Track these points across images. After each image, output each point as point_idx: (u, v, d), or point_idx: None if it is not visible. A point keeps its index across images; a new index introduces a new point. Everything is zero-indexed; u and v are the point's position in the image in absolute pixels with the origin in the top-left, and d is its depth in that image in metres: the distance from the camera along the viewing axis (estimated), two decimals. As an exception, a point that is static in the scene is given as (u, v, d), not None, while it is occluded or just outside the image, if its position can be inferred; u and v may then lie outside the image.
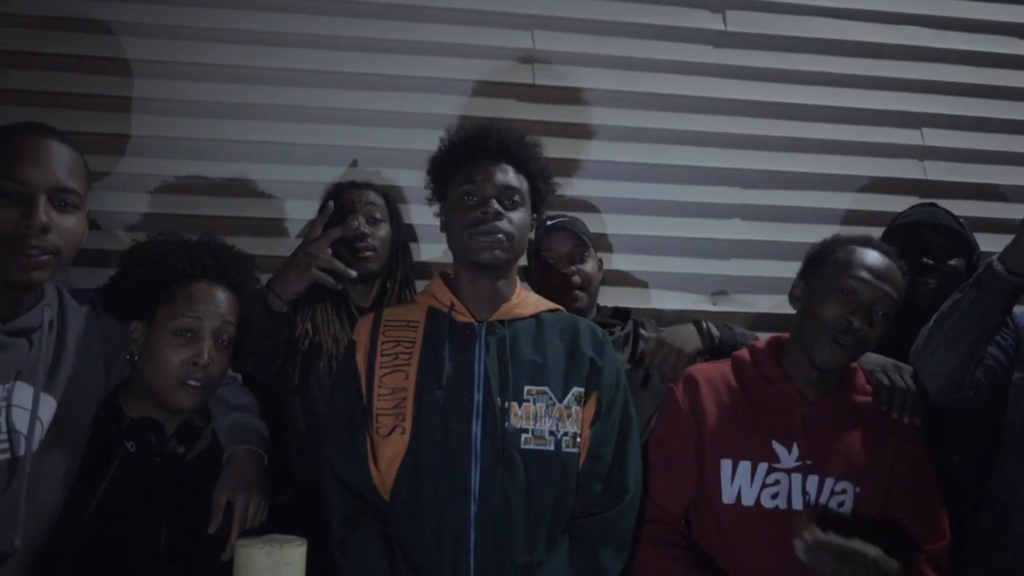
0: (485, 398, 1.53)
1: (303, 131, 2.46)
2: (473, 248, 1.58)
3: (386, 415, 1.56)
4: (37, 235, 1.31)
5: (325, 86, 2.49)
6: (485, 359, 1.56)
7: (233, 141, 2.44)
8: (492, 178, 1.60)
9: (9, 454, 1.37)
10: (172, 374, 1.51)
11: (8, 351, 1.38)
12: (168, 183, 2.41)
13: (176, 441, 1.55)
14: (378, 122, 2.50)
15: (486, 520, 1.49)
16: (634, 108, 2.63)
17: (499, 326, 1.61)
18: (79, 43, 2.40)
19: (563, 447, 1.54)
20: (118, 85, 2.41)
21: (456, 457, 1.51)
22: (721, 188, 2.64)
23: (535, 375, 1.56)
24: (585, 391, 1.58)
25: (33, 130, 1.38)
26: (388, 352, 1.60)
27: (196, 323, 1.53)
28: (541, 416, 1.54)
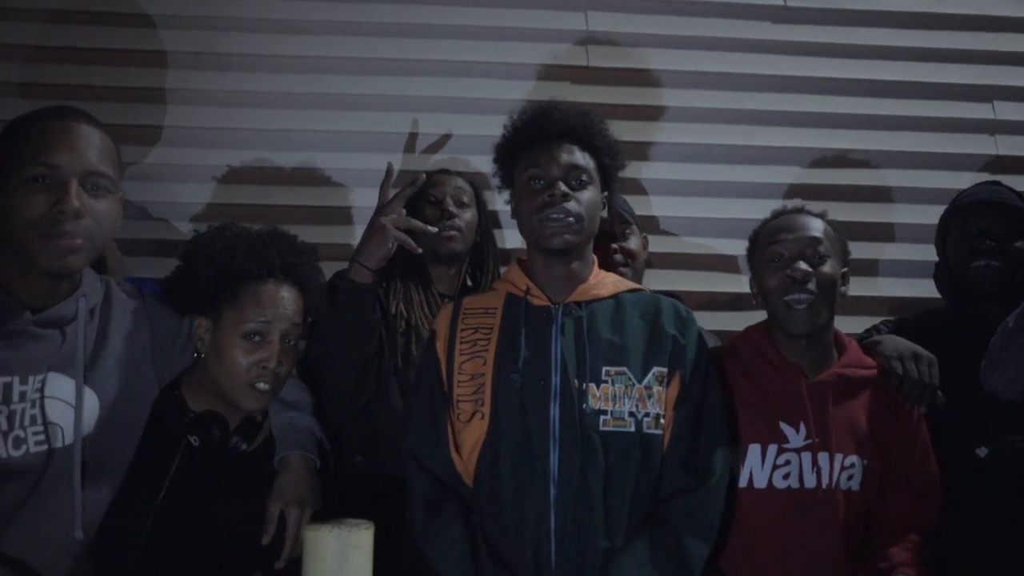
0: (562, 380, 1.51)
1: (365, 118, 2.48)
2: (543, 234, 1.56)
3: (466, 401, 1.56)
4: (70, 220, 1.29)
5: (387, 73, 2.50)
6: (561, 341, 1.55)
7: (300, 130, 2.46)
8: (557, 159, 1.58)
9: (46, 446, 1.36)
10: (241, 377, 1.51)
11: (39, 342, 1.35)
12: (236, 173, 2.45)
13: (239, 436, 1.56)
14: (427, 108, 2.50)
15: (566, 504, 1.47)
16: (691, 88, 2.58)
17: (575, 307, 1.58)
18: (148, 39, 2.45)
19: (644, 428, 1.51)
20: (183, 78, 2.45)
21: (534, 441, 1.50)
22: (781, 168, 2.58)
23: (613, 355, 1.54)
24: (668, 370, 1.55)
25: (62, 114, 1.36)
26: (467, 339, 1.60)
27: (265, 327, 1.52)
28: (620, 397, 1.51)
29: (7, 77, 2.39)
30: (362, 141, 2.46)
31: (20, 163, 1.29)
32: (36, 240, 1.29)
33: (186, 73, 2.45)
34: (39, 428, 1.35)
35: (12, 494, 1.32)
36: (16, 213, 1.28)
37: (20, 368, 1.33)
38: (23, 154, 1.29)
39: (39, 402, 1.35)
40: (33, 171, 1.29)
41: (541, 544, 1.47)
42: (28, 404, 1.34)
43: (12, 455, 1.32)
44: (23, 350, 1.33)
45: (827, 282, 1.69)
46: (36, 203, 1.28)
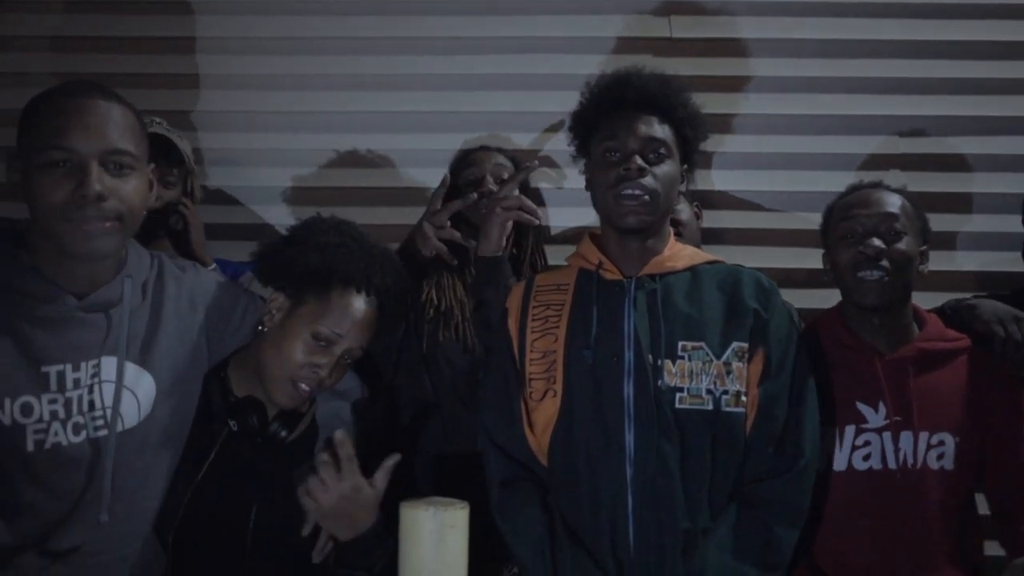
0: (636, 356, 1.47)
1: (432, 99, 2.46)
2: (616, 212, 1.51)
3: (538, 379, 1.52)
4: (93, 205, 1.25)
5: (451, 52, 2.48)
6: (634, 316, 1.49)
7: (367, 112, 2.46)
8: (634, 131, 1.51)
9: (106, 431, 1.35)
10: (289, 369, 1.48)
11: (87, 327, 1.34)
12: (304, 156, 2.46)
13: (278, 424, 1.54)
14: (504, 86, 2.47)
15: (643, 484, 1.42)
16: (780, 56, 2.47)
17: (649, 280, 1.53)
18: (218, 25, 2.49)
19: (723, 406, 1.45)
20: (255, 63, 2.48)
21: (608, 419, 1.45)
22: (878, 137, 2.46)
23: (690, 330, 1.48)
24: (749, 346, 1.48)
25: (77, 91, 1.30)
26: (539, 316, 1.56)
27: (335, 337, 1.49)
28: (697, 373, 1.46)
29: (73, 68, 2.44)
30: (432, 121, 2.45)
31: (38, 147, 1.25)
32: (62, 225, 1.26)
33: (256, 58, 2.48)
34: (98, 413, 1.34)
35: (76, 480, 1.33)
36: (40, 199, 1.26)
37: (70, 355, 1.32)
38: (40, 137, 1.26)
39: (96, 387, 1.34)
40: (51, 156, 1.25)
41: (618, 524, 1.43)
42: (84, 390, 1.33)
43: (72, 441, 1.32)
44: (70, 336, 1.32)
45: (901, 259, 1.63)
46: (58, 189, 1.25)
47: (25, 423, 1.27)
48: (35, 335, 1.28)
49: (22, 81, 2.34)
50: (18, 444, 1.27)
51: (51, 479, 1.30)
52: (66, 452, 1.31)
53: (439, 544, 1.31)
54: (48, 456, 1.29)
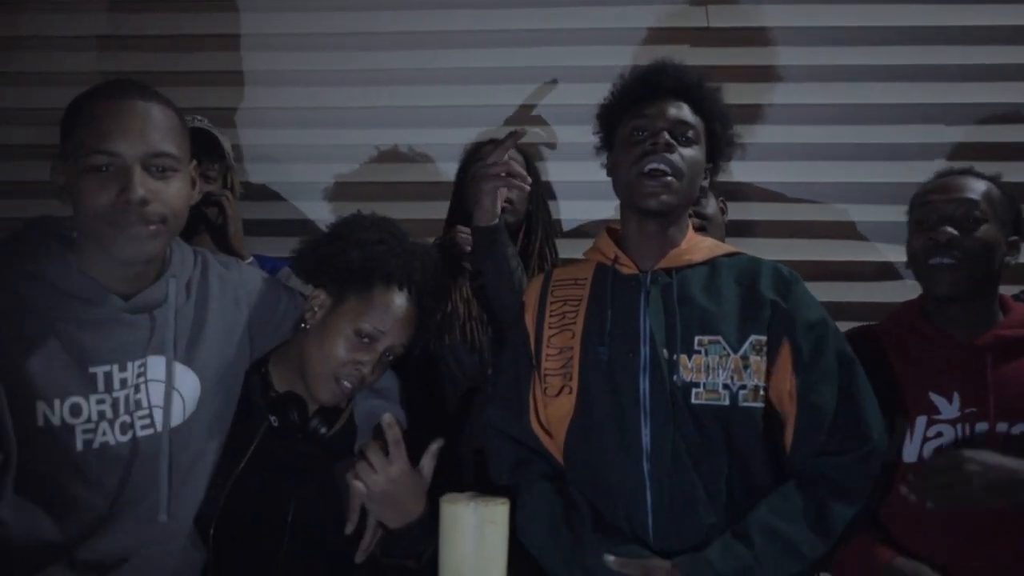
0: (651, 352, 1.44)
1: (472, 94, 2.46)
2: (639, 192, 1.47)
3: (554, 375, 1.51)
4: (136, 209, 1.25)
5: (490, 46, 2.47)
6: (649, 311, 1.47)
7: (406, 108, 2.47)
8: (664, 113, 1.50)
9: (153, 430, 1.37)
10: (331, 365, 1.49)
11: (133, 328, 1.35)
12: (343, 151, 2.48)
13: (319, 420, 1.54)
14: (543, 79, 2.46)
15: (660, 480, 1.40)
16: (819, 44, 2.42)
17: (663, 275, 1.50)
18: (254, 22, 2.50)
19: (740, 401, 1.42)
20: (302, 59, 2.49)
21: (625, 415, 1.43)
22: (922, 127, 2.40)
23: (706, 324, 1.45)
24: (768, 338, 1.45)
25: (118, 92, 1.29)
26: (556, 312, 1.55)
27: (378, 334, 1.50)
28: (714, 368, 1.42)
29: (115, 67, 2.48)
30: (473, 116, 2.44)
31: (81, 150, 1.26)
32: (107, 230, 1.27)
33: (304, 54, 2.49)
34: (144, 412, 1.36)
35: (123, 479, 1.34)
36: (84, 203, 1.27)
37: (117, 355, 1.33)
38: (83, 141, 1.26)
39: (143, 386, 1.36)
40: (94, 160, 1.25)
41: (637, 520, 1.42)
42: (131, 390, 1.35)
43: (120, 441, 1.34)
44: (117, 337, 1.33)
45: (978, 247, 1.59)
46: (101, 193, 1.25)
47: (74, 423, 1.29)
48: (83, 337, 1.30)
49: (67, 80, 2.38)
50: (68, 444, 1.29)
51: (99, 478, 1.32)
52: (114, 451, 1.33)
53: (480, 540, 1.32)
54: (96, 455, 1.32)
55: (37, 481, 1.28)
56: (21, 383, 1.25)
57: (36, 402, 1.26)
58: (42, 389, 1.26)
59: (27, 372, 1.25)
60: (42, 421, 1.27)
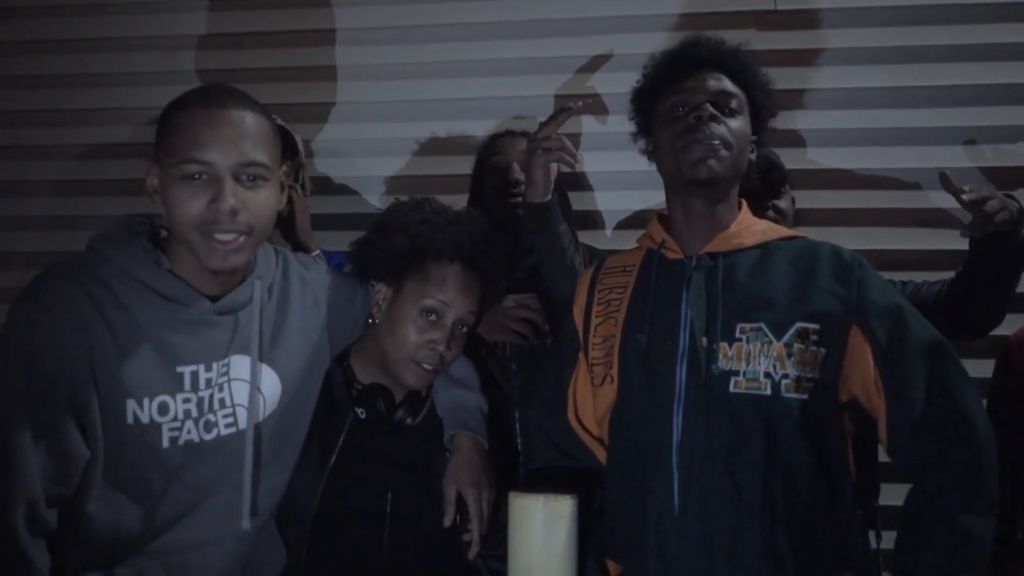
0: (690, 339, 1.38)
1: (547, 81, 2.45)
2: (686, 161, 1.39)
3: (598, 364, 1.47)
4: (227, 218, 1.27)
5: (561, 34, 2.45)
6: (690, 296, 1.41)
7: (465, 99, 2.47)
8: (705, 86, 1.43)
9: (235, 428, 1.39)
10: (408, 351, 1.51)
11: (219, 328, 1.37)
12: (406, 145, 2.49)
13: (404, 410, 1.55)
14: (600, 68, 2.43)
15: (688, 473, 1.34)
16: (893, 25, 2.33)
17: (708, 259, 1.43)
18: (321, 17, 2.52)
19: (782, 392, 1.33)
20: (360, 54, 2.52)
21: (659, 405, 1.38)
22: (1008, 108, 2.29)
23: (750, 311, 1.37)
24: (826, 327, 1.36)
25: (210, 100, 1.31)
26: (602, 301, 1.51)
27: (443, 308, 1.51)
28: (755, 356, 1.35)
29: (189, 65, 2.53)
30: (544, 105, 2.38)
31: (175, 157, 1.28)
32: (198, 239, 1.29)
33: (364, 49, 2.51)
34: (228, 411, 1.38)
35: (205, 475, 1.37)
36: (176, 210, 1.29)
37: (203, 356, 1.35)
38: (177, 147, 1.28)
39: (226, 385, 1.38)
40: (187, 168, 1.27)
41: (664, 516, 1.35)
42: (215, 389, 1.37)
43: (204, 439, 1.36)
44: (204, 337, 1.35)
45: None
46: (193, 201, 1.27)
47: (161, 422, 1.32)
48: (172, 337, 1.32)
49: (149, 81, 2.48)
50: (154, 441, 1.32)
51: (183, 474, 1.35)
52: (197, 449, 1.35)
53: (549, 534, 1.31)
54: (181, 452, 1.34)
55: (124, 477, 1.31)
56: (113, 381, 1.28)
57: (126, 400, 1.29)
58: (132, 387, 1.29)
59: (119, 370, 1.28)
60: (131, 419, 1.30)
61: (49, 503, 1.26)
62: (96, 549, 1.31)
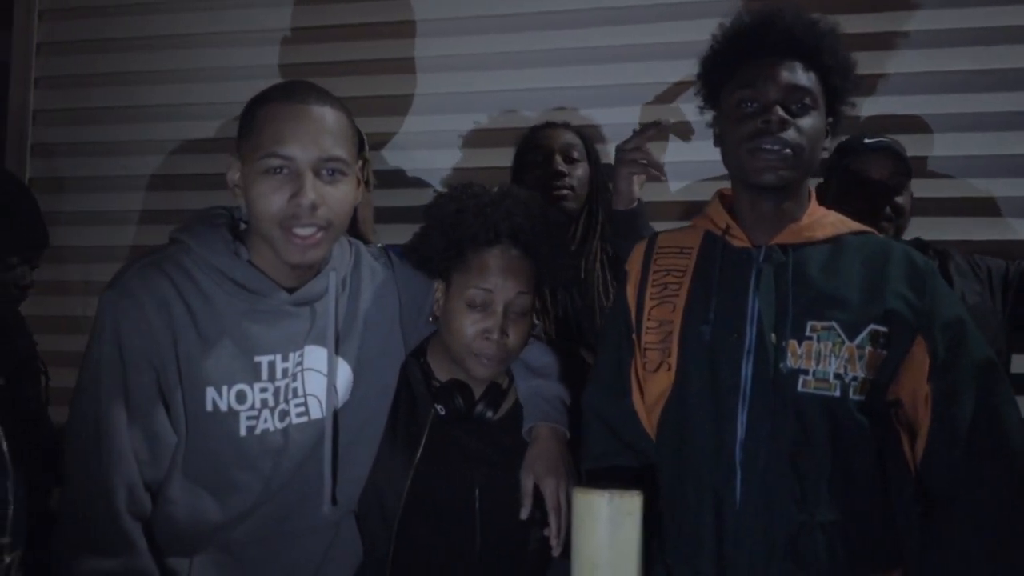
0: (758, 335, 1.34)
1: (614, 71, 2.42)
2: (752, 168, 1.35)
3: (653, 349, 1.42)
4: (307, 213, 1.29)
5: (629, 22, 2.43)
6: (759, 290, 1.36)
7: (541, 89, 2.44)
8: (775, 79, 1.34)
9: (306, 418, 1.41)
10: (465, 344, 1.49)
11: (296, 319, 1.39)
12: (483, 136, 2.49)
13: (484, 404, 1.54)
14: (663, 55, 2.38)
15: (752, 471, 1.31)
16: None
17: (779, 252, 1.38)
18: (395, 9, 2.55)
19: (851, 393, 1.31)
20: (427, 46, 2.53)
21: (722, 400, 1.34)
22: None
23: (821, 308, 1.33)
24: (893, 333, 1.32)
25: (294, 95, 1.33)
26: (658, 282, 1.45)
27: (487, 296, 1.48)
28: (826, 356, 1.31)
29: (266, 60, 2.58)
30: (606, 95, 2.40)
31: (257, 152, 1.30)
32: (278, 233, 1.31)
33: (430, 40, 2.52)
34: (300, 400, 1.40)
35: (280, 465, 1.39)
36: (257, 204, 1.31)
37: (280, 346, 1.38)
38: (259, 142, 1.30)
39: (299, 375, 1.40)
40: (269, 163, 1.29)
41: (724, 513, 1.32)
42: (290, 379, 1.39)
43: (277, 427, 1.38)
44: (280, 328, 1.38)
45: None
46: (275, 196, 1.30)
47: (239, 410, 1.35)
48: (250, 327, 1.35)
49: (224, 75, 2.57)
50: (232, 429, 1.35)
51: (258, 463, 1.37)
52: (272, 438, 1.38)
53: (615, 531, 1.27)
54: (257, 441, 1.36)
55: (203, 464, 1.34)
56: (194, 367, 1.31)
57: (206, 388, 1.32)
58: (212, 375, 1.32)
59: (200, 358, 1.31)
60: (210, 406, 1.33)
61: (144, 487, 1.30)
62: (177, 535, 1.35)
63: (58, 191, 2.74)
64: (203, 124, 2.63)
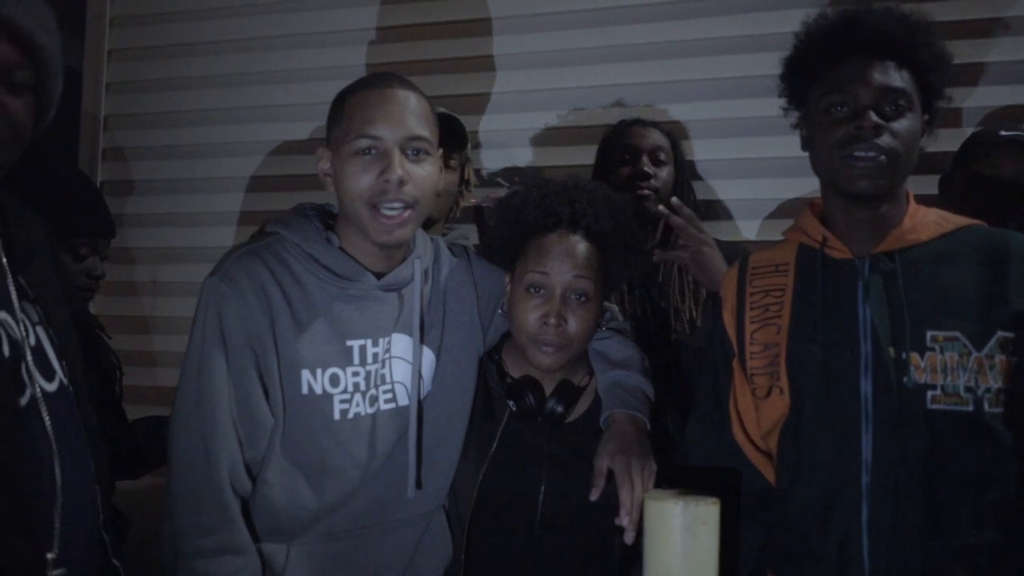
0: (874, 349, 1.27)
1: (688, 65, 2.36)
2: (845, 176, 1.29)
3: (761, 374, 1.37)
4: (395, 188, 1.35)
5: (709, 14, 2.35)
6: (869, 302, 1.29)
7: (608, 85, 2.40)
8: (867, 81, 1.27)
9: (394, 404, 1.44)
10: (525, 331, 1.48)
11: (384, 305, 1.44)
12: (555, 134, 2.46)
13: (555, 400, 1.51)
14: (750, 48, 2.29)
15: (882, 496, 1.23)
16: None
17: (885, 259, 1.31)
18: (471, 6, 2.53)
19: (985, 407, 1.22)
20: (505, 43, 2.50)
21: (842, 420, 1.28)
22: None
23: (940, 317, 1.25)
24: (1018, 336, 1.23)
25: (380, 82, 1.41)
26: (757, 305, 1.40)
27: (544, 279, 1.47)
28: (953, 368, 1.23)
29: (333, 62, 2.57)
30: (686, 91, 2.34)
31: (348, 136, 1.37)
32: (366, 213, 1.37)
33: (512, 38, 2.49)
34: (388, 387, 1.44)
35: (372, 451, 1.42)
36: (347, 185, 1.37)
37: (370, 331, 1.42)
38: (349, 127, 1.37)
39: (388, 362, 1.43)
40: (359, 144, 1.36)
41: (850, 542, 1.26)
42: (379, 365, 1.43)
43: (367, 412, 1.41)
44: (370, 313, 1.42)
45: None
46: (365, 175, 1.36)
47: (333, 393, 1.39)
48: (342, 312, 1.40)
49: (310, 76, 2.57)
50: (327, 412, 1.39)
51: (351, 448, 1.40)
52: (363, 422, 1.41)
53: (690, 541, 1.23)
54: (350, 425, 1.40)
55: (299, 447, 1.39)
56: (290, 350, 1.36)
57: (301, 370, 1.37)
58: (307, 358, 1.37)
59: (295, 341, 1.36)
60: (306, 389, 1.37)
61: (243, 467, 1.36)
62: (275, 519, 1.38)
63: (128, 194, 2.79)
64: (269, 127, 2.66)
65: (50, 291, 1.27)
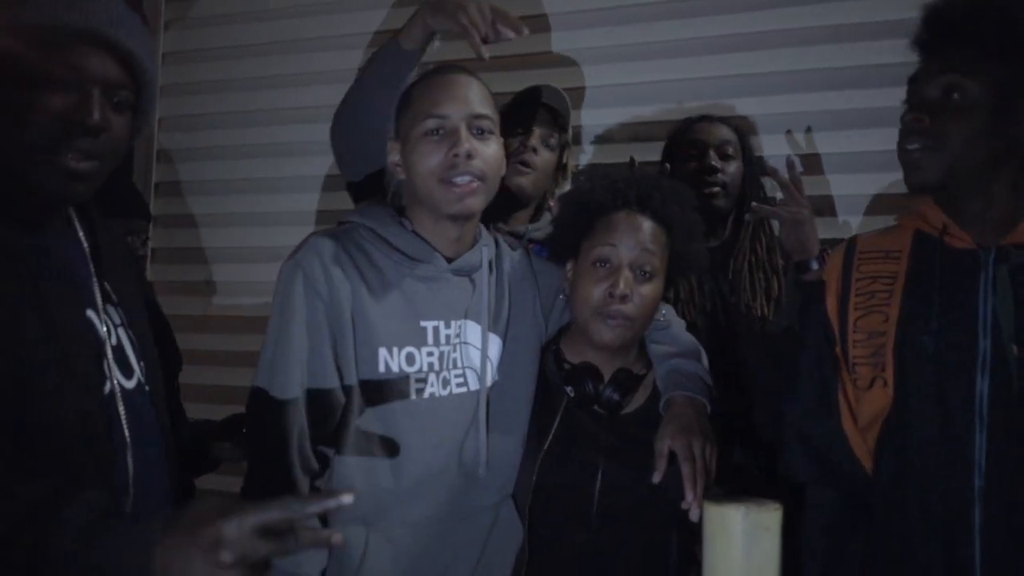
0: (994, 346, 1.21)
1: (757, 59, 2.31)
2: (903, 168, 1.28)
3: (863, 364, 1.31)
4: (464, 162, 1.40)
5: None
6: (992, 296, 1.22)
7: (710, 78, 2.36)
8: (934, 78, 1.25)
9: (465, 388, 1.47)
10: (589, 305, 1.49)
11: (455, 289, 1.48)
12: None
13: (611, 388, 1.50)
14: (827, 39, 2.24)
15: (997, 498, 1.17)
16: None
17: (1015, 251, 1.24)
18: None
19: None
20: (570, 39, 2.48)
21: (952, 419, 1.21)
22: None
23: None
24: None
25: (444, 69, 1.50)
26: (863, 291, 1.34)
27: (611, 251, 1.49)
28: None
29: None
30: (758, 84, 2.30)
31: (417, 120, 1.43)
32: (437, 187, 1.41)
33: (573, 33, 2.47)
34: (459, 371, 1.47)
35: (446, 435, 1.44)
36: (418, 165, 1.42)
37: (443, 313, 1.46)
38: (416, 111, 1.44)
39: (460, 347, 1.47)
40: (428, 124, 1.42)
41: (959, 547, 1.19)
42: (451, 348, 1.46)
43: (442, 394, 1.44)
44: (442, 295, 1.46)
45: None
46: (435, 152, 1.41)
47: (409, 372, 1.42)
48: (416, 291, 1.44)
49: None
50: (403, 391, 1.41)
51: (428, 430, 1.42)
52: (439, 404, 1.44)
53: (751, 548, 1.18)
54: (427, 405, 1.43)
55: (376, 426, 1.40)
56: (368, 329, 1.40)
57: (378, 348, 1.40)
58: (384, 336, 1.41)
59: (373, 319, 1.40)
60: (383, 367, 1.40)
61: (312, 444, 1.38)
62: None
63: (182, 195, 2.84)
64: (321, 127, 2.65)
65: (134, 300, 1.31)
